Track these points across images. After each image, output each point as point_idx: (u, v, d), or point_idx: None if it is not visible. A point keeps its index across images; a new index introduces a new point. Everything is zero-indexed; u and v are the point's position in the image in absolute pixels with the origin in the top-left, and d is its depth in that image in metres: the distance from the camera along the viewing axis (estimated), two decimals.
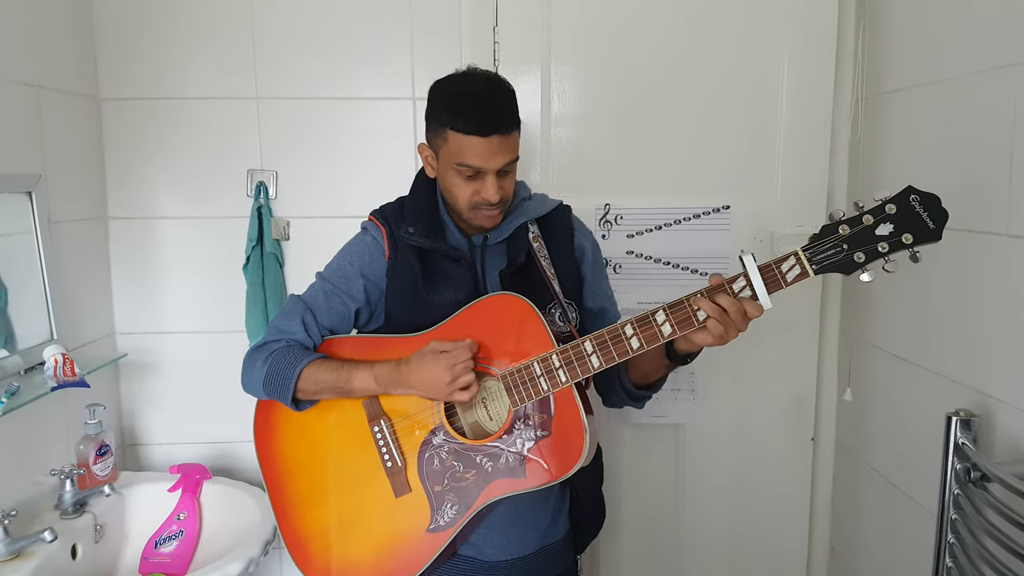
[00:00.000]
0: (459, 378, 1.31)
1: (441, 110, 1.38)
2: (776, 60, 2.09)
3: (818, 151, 2.12)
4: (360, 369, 1.39)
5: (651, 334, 1.28)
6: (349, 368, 1.39)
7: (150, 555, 1.89)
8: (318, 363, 1.40)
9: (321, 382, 1.40)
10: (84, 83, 2.03)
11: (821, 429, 2.25)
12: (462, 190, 1.39)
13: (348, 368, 1.39)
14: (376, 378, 1.38)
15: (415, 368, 1.34)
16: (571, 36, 2.09)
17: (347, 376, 1.39)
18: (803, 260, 1.22)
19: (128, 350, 2.13)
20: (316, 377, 1.40)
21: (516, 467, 1.36)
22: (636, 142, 2.13)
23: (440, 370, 1.31)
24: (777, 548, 2.27)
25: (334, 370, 1.40)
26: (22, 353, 1.72)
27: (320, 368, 1.40)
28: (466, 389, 1.33)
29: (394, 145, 2.11)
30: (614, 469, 2.22)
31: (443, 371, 1.31)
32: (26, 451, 1.77)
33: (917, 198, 1.19)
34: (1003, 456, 1.44)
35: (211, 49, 2.07)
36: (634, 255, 2.13)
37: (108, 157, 2.10)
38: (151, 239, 2.14)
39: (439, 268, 1.45)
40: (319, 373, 1.40)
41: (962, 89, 1.62)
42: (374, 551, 1.42)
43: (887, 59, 1.95)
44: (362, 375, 1.38)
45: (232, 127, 2.10)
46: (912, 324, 1.81)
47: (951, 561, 1.45)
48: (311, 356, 1.41)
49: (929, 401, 1.72)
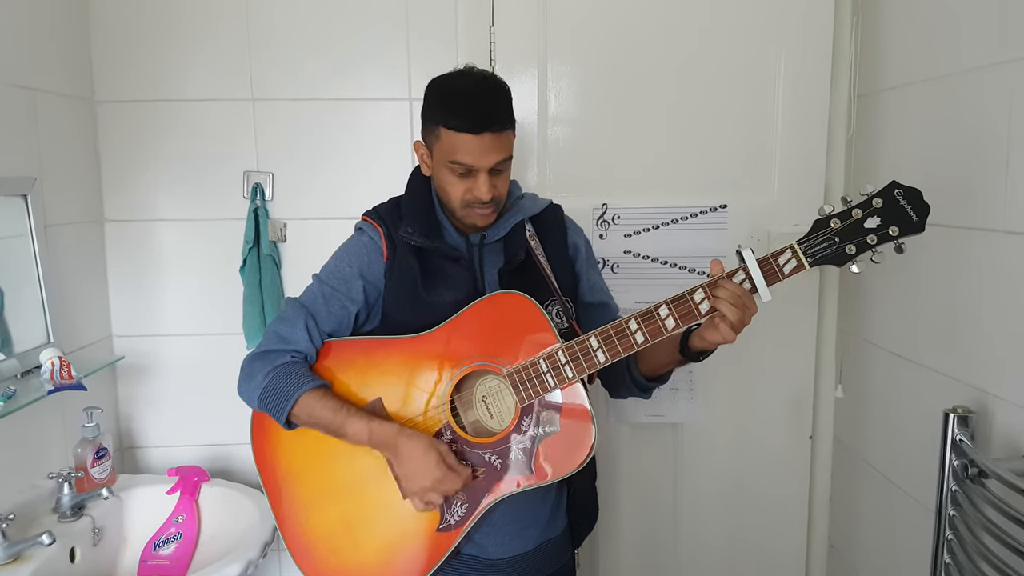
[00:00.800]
0: (432, 493, 1.34)
1: (435, 108, 1.39)
2: (772, 59, 2.09)
3: (815, 149, 2.12)
4: (357, 419, 1.37)
5: (655, 328, 1.31)
6: (346, 414, 1.38)
7: (149, 558, 1.89)
8: (319, 395, 1.39)
9: (316, 417, 1.39)
10: (80, 85, 2.03)
11: (819, 427, 2.25)
12: (455, 188, 1.40)
13: (345, 413, 1.38)
14: (371, 433, 1.37)
15: (413, 451, 1.35)
16: (567, 36, 2.09)
17: (343, 421, 1.38)
18: (799, 253, 1.27)
19: (125, 353, 2.13)
20: (312, 411, 1.38)
21: (525, 463, 1.36)
22: (633, 141, 2.13)
23: (430, 476, 1.33)
24: (775, 546, 2.27)
25: (331, 410, 1.38)
26: (19, 356, 1.72)
27: (319, 403, 1.38)
28: (427, 504, 1.36)
29: (391, 146, 2.11)
30: (612, 468, 2.23)
31: (430, 479, 1.33)
32: (23, 454, 1.76)
33: (901, 192, 1.26)
34: (1000, 452, 1.45)
35: (207, 51, 2.07)
36: (631, 255, 2.13)
37: (104, 160, 2.10)
38: (147, 242, 2.13)
39: (438, 268, 1.45)
40: (317, 408, 1.38)
41: (957, 86, 1.62)
42: (382, 552, 1.41)
43: (883, 57, 1.95)
44: (358, 426, 1.37)
45: (228, 129, 2.10)
46: (909, 321, 1.82)
47: (949, 557, 1.45)
48: (313, 383, 1.39)
49: (926, 398, 1.72)
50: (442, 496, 1.35)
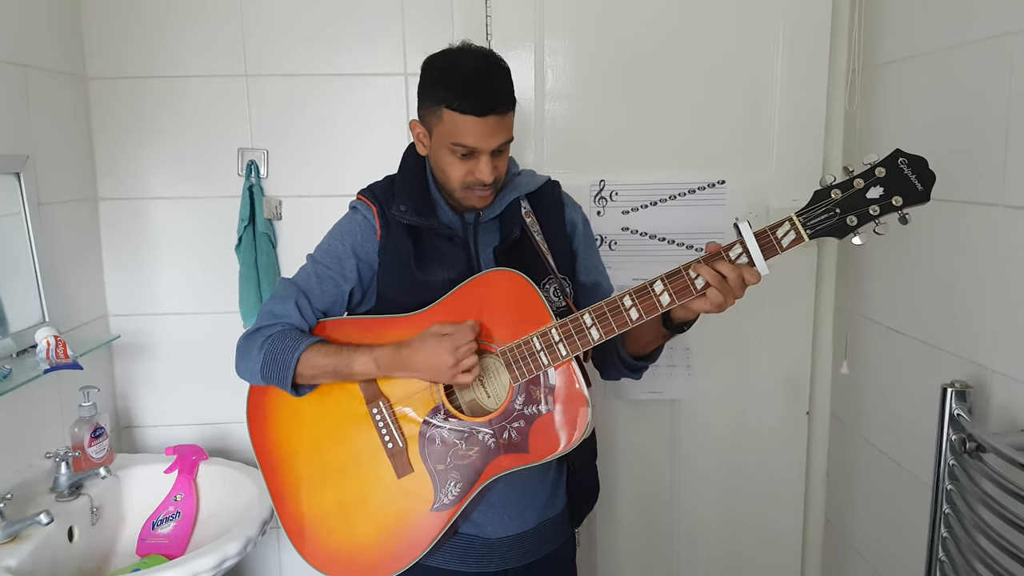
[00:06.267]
0: (462, 360, 1.31)
1: (436, 87, 1.36)
2: (771, 33, 2.07)
3: (813, 124, 2.10)
4: (360, 353, 1.37)
5: (650, 304, 1.28)
6: (348, 352, 1.38)
7: (147, 536, 1.89)
8: (317, 347, 1.39)
9: (320, 366, 1.38)
10: (71, 62, 2.00)
11: (816, 403, 2.26)
12: (455, 169, 1.38)
13: (347, 352, 1.38)
14: (377, 361, 1.37)
15: (417, 351, 1.34)
16: (564, 10, 2.07)
17: (347, 360, 1.37)
18: (798, 225, 1.23)
19: (121, 332, 2.12)
20: (315, 361, 1.38)
21: (520, 442, 1.36)
22: (631, 117, 2.11)
23: (443, 353, 1.31)
24: (772, 521, 2.29)
25: (333, 354, 1.38)
26: (14, 336, 1.71)
27: (319, 352, 1.38)
28: (468, 371, 1.33)
29: (386, 122, 2.09)
30: (610, 445, 2.23)
31: (446, 354, 1.31)
32: (20, 434, 1.76)
33: (905, 161, 1.20)
34: (998, 427, 1.45)
35: (200, 27, 2.04)
36: (629, 231, 2.12)
37: (96, 137, 2.08)
38: (142, 220, 2.12)
39: (432, 246, 1.44)
40: (318, 357, 1.38)
41: (957, 59, 1.60)
42: (378, 532, 1.42)
43: (882, 30, 1.93)
44: (362, 359, 1.37)
45: (222, 106, 2.08)
46: (906, 296, 1.81)
47: (946, 531, 1.46)
48: (309, 340, 1.39)
49: (924, 373, 1.72)
50: (468, 352, 1.31)
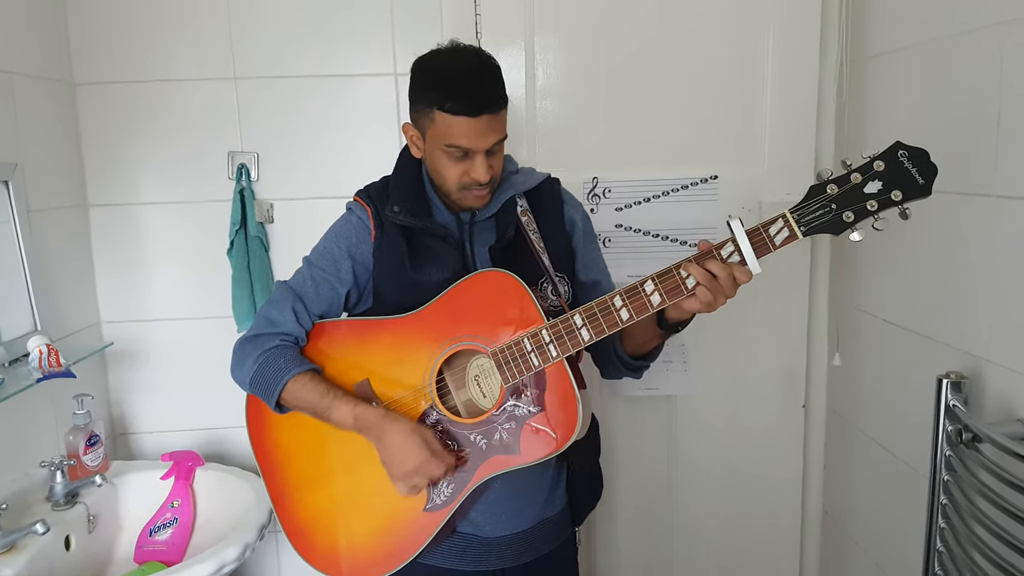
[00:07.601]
0: (416, 480, 1.34)
1: (427, 89, 1.35)
2: (761, 27, 2.07)
3: (805, 118, 2.10)
4: (343, 403, 1.38)
5: (640, 304, 1.27)
6: (332, 397, 1.38)
7: (145, 543, 1.88)
8: (306, 379, 1.39)
9: (303, 400, 1.40)
10: (58, 68, 1.98)
11: (812, 396, 2.26)
12: (451, 171, 1.37)
13: (331, 397, 1.38)
14: (356, 418, 1.37)
15: (396, 435, 1.34)
16: (553, 8, 2.06)
17: (328, 404, 1.38)
18: (791, 222, 1.20)
19: (114, 339, 2.11)
20: (299, 394, 1.39)
21: (511, 443, 1.35)
22: (622, 114, 2.11)
23: (414, 460, 1.33)
24: (770, 514, 2.29)
25: (318, 394, 1.38)
26: (6, 345, 1.70)
27: (305, 387, 1.39)
28: (413, 488, 1.35)
29: (377, 123, 2.08)
30: (608, 442, 2.21)
31: (414, 462, 1.33)
32: (15, 443, 1.75)
33: (905, 153, 1.16)
34: (994, 417, 1.45)
35: (187, 30, 2.03)
36: (623, 228, 2.11)
37: (85, 143, 2.06)
38: (133, 226, 2.10)
39: (426, 247, 1.43)
40: (303, 392, 1.39)
41: (947, 50, 1.61)
42: (373, 532, 1.42)
43: (872, 22, 1.93)
44: (343, 410, 1.37)
45: (211, 109, 2.07)
46: (901, 288, 1.82)
47: (944, 522, 1.46)
48: (301, 367, 1.40)
49: (919, 364, 1.72)
50: (427, 480, 1.34)
